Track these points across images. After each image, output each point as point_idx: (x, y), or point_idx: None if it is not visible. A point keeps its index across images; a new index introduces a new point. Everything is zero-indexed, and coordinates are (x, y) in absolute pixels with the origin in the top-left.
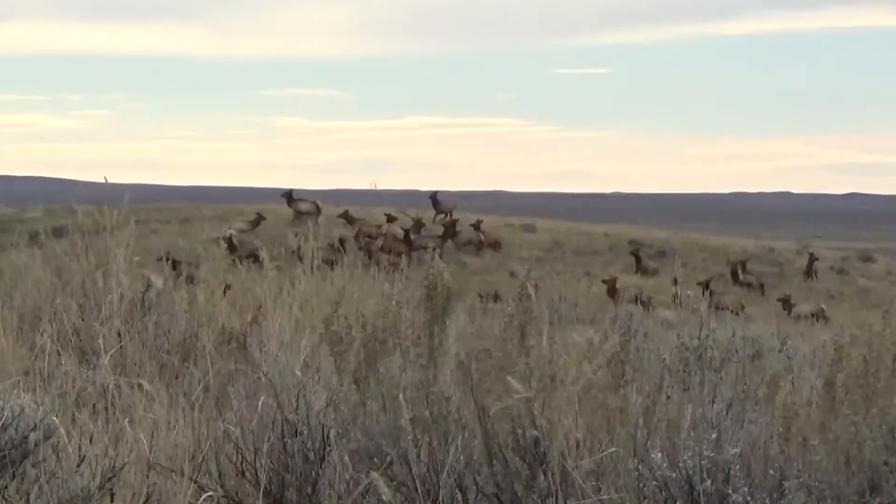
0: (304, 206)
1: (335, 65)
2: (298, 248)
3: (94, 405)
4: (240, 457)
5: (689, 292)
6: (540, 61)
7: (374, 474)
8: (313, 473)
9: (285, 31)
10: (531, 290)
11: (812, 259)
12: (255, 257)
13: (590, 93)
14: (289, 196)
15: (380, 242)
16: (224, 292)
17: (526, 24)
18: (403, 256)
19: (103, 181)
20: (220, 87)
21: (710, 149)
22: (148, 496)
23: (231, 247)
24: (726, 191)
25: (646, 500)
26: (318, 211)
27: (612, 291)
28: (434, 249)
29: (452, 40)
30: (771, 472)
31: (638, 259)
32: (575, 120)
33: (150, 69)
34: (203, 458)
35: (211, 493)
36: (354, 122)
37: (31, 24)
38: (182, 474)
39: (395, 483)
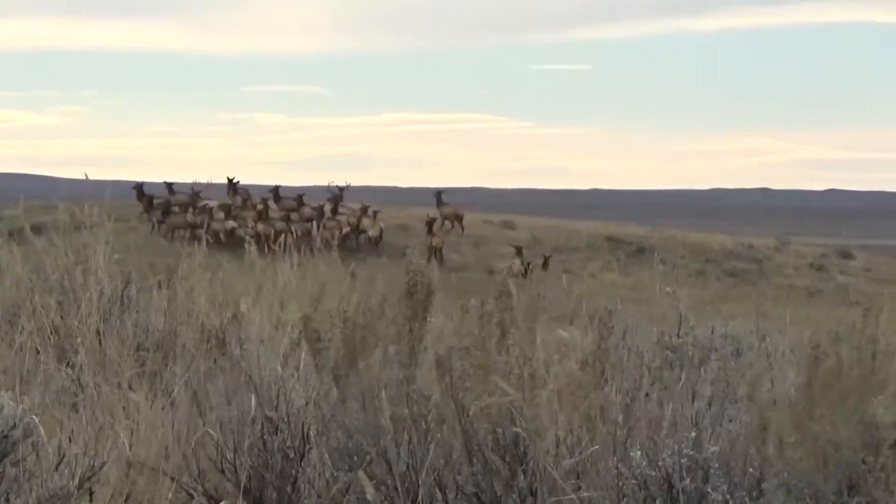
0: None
1: (313, 61)
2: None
3: (73, 404)
4: (220, 455)
5: (668, 288)
6: (517, 57)
7: (360, 473)
8: (293, 471)
9: (263, 28)
10: (512, 288)
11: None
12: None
13: (567, 89)
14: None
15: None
16: None
17: (502, 20)
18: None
19: (83, 178)
20: (198, 83)
21: (688, 145)
22: (128, 495)
23: None
24: (705, 187)
25: (625, 499)
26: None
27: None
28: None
29: (430, 36)
30: (750, 470)
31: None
32: (553, 116)
33: (126, 65)
34: (183, 456)
35: (191, 491)
36: (333, 119)
37: (4, 21)
38: (163, 473)
39: (374, 481)
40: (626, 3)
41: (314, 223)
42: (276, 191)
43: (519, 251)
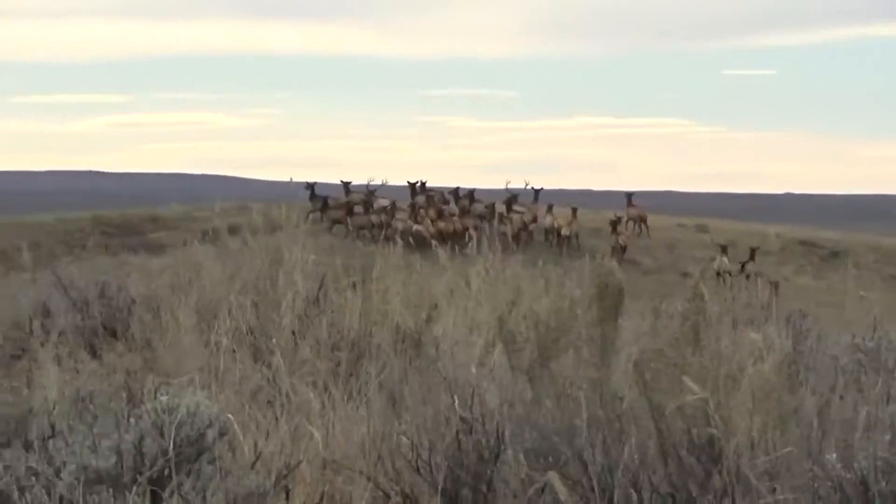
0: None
1: (501, 65)
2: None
3: (268, 403)
4: (415, 455)
5: (861, 292)
6: (705, 62)
7: (552, 473)
8: (488, 472)
9: (452, 32)
10: (704, 290)
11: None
12: None
13: (757, 94)
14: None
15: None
16: None
17: (690, 26)
18: None
19: (279, 180)
20: (389, 86)
21: (882, 149)
22: (323, 494)
23: None
24: None
25: (821, 501)
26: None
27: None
28: None
29: (620, 41)
30: None
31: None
32: (743, 121)
33: (317, 68)
34: (379, 456)
35: (388, 491)
36: (522, 123)
37: (198, 23)
38: (359, 472)
39: (569, 482)
40: (816, 9)
41: (487, 221)
42: (455, 192)
43: (724, 249)
